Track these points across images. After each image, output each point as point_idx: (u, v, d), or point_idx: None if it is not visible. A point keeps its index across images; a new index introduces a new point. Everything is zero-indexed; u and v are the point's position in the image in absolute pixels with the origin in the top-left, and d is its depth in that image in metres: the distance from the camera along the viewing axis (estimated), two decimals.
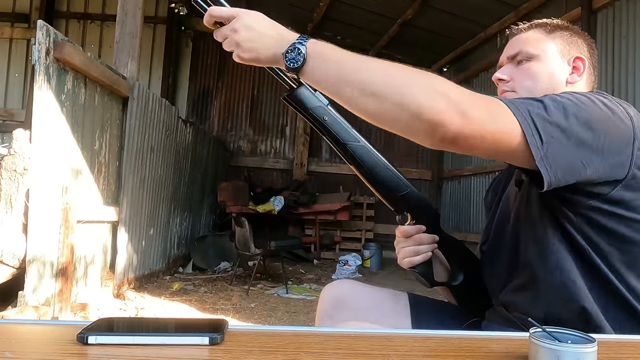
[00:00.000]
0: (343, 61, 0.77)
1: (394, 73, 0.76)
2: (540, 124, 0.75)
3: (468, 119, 0.72)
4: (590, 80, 1.02)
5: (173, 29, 7.65)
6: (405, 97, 0.73)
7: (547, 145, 0.74)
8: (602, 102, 0.81)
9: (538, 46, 0.99)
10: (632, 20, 4.13)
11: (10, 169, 2.73)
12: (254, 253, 4.59)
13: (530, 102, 0.78)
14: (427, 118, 0.72)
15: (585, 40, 1.02)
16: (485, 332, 0.74)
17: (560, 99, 0.79)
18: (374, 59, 0.79)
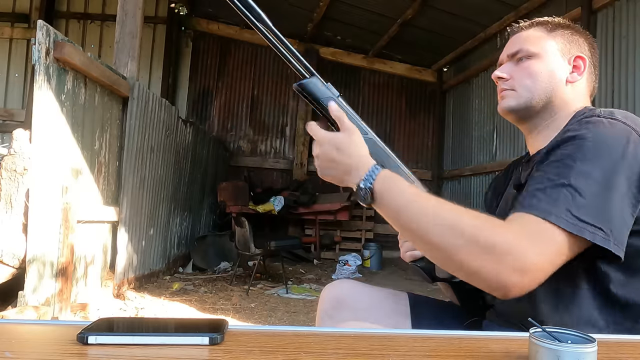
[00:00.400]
0: (400, 210, 0.81)
1: (446, 230, 0.76)
2: (590, 216, 0.74)
3: (528, 272, 0.72)
4: (590, 80, 1.01)
5: (173, 29, 7.66)
6: (458, 259, 0.75)
7: (610, 231, 0.74)
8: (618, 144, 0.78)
9: (538, 44, 0.98)
10: (632, 20, 4.13)
11: (10, 169, 2.73)
12: (254, 253, 4.59)
13: (563, 197, 0.75)
14: (490, 284, 0.74)
15: (586, 39, 1.01)
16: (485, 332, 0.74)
17: (584, 168, 0.76)
18: (434, 205, 0.79)
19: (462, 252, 0.74)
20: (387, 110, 7.98)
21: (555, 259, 0.74)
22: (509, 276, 0.72)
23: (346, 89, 7.94)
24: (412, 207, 0.79)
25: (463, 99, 7.26)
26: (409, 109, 8.00)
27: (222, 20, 7.78)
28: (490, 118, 6.39)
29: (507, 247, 0.72)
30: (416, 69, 7.87)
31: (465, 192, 7.06)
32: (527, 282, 0.73)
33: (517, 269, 0.72)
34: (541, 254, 0.73)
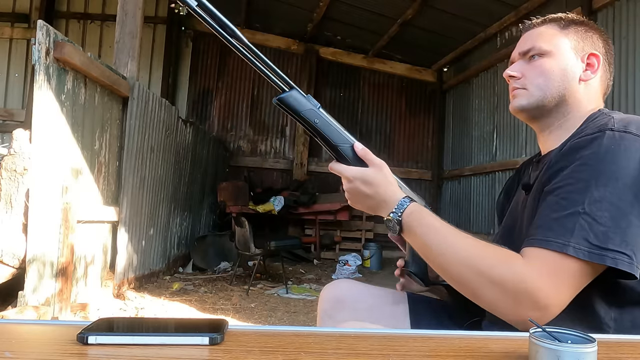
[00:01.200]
0: (425, 243, 0.83)
1: (466, 268, 0.78)
2: (610, 243, 0.73)
3: (546, 309, 0.73)
4: (605, 78, 0.98)
5: (173, 29, 7.66)
6: (479, 295, 0.78)
7: (633, 254, 0.73)
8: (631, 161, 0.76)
9: (551, 42, 0.95)
10: (632, 20, 4.13)
11: (10, 169, 2.73)
12: (254, 253, 4.59)
13: (579, 226, 0.74)
14: (508, 319, 0.75)
15: (601, 36, 0.98)
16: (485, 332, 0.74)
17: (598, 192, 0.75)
18: (455, 242, 0.81)
19: (482, 290, 0.76)
20: (387, 110, 7.98)
21: (574, 289, 0.75)
22: (527, 313, 0.73)
23: (346, 89, 7.94)
24: (436, 242, 0.82)
25: (463, 99, 7.26)
26: (409, 109, 8.00)
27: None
28: (490, 118, 6.39)
29: (525, 287, 0.73)
30: (416, 69, 7.87)
31: (465, 192, 7.06)
32: (547, 316, 0.74)
33: (536, 307, 0.73)
34: (560, 290, 0.74)
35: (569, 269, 0.73)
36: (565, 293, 0.74)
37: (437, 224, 0.83)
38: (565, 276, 0.73)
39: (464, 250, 0.79)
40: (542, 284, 0.73)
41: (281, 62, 7.89)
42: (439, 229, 0.83)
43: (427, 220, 0.84)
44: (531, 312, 0.73)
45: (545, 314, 0.73)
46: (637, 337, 0.72)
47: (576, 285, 0.75)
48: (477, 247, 0.79)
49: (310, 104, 0.91)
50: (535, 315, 0.72)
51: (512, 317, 0.75)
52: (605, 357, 0.59)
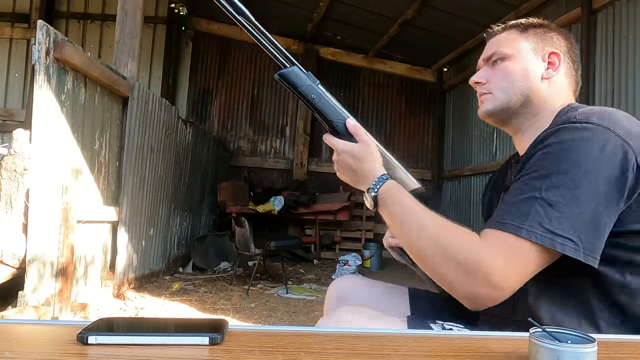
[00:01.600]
0: (395, 218, 0.88)
1: (429, 245, 0.82)
2: (561, 228, 0.75)
3: (499, 288, 0.76)
4: (570, 74, 1.00)
5: (173, 29, 7.66)
6: (437, 272, 0.81)
7: (579, 241, 0.75)
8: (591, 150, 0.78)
9: (512, 45, 0.99)
10: (632, 20, 4.13)
11: (10, 169, 2.73)
12: (254, 253, 4.59)
13: (534, 211, 0.76)
14: (462, 296, 0.78)
15: (562, 36, 1.01)
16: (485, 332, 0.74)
17: (555, 179, 0.77)
18: (423, 220, 0.85)
19: (441, 265, 0.80)
20: (387, 110, 7.99)
21: (526, 272, 0.77)
22: (479, 290, 0.76)
23: (346, 89, 7.94)
24: (406, 218, 0.86)
25: (463, 99, 7.26)
26: (408, 109, 8.01)
27: (222, 20, 7.78)
28: None
29: (478, 265, 0.76)
30: (416, 69, 7.88)
31: (465, 192, 7.06)
32: (497, 295, 0.76)
33: (488, 284, 0.76)
34: (514, 271, 0.76)
35: (522, 251, 0.76)
36: (517, 273, 0.76)
37: (411, 203, 0.88)
38: (518, 257, 0.76)
39: (432, 227, 0.83)
40: (495, 262, 0.76)
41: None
42: (412, 207, 0.87)
43: (400, 197, 0.89)
44: (483, 289, 0.75)
45: (497, 292, 0.76)
46: (637, 337, 0.72)
47: (529, 267, 0.76)
48: (444, 226, 0.83)
49: (309, 80, 0.95)
50: (487, 292, 0.75)
51: (464, 292, 0.78)
52: (605, 357, 0.59)
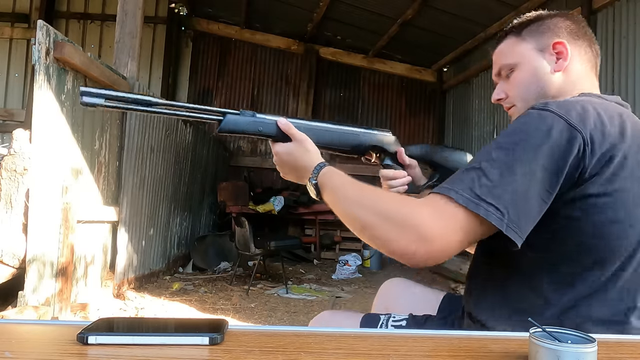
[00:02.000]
0: (334, 196, 0.91)
1: (366, 209, 0.83)
2: (489, 196, 0.75)
3: (429, 241, 0.76)
4: (582, 54, 0.97)
5: (173, 29, 7.65)
6: (372, 232, 0.81)
7: (506, 212, 0.75)
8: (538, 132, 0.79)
9: (513, 54, 0.99)
10: (632, 20, 4.13)
11: (10, 169, 2.73)
12: (254, 253, 4.59)
13: (469, 178, 0.78)
14: (398, 253, 0.78)
15: (559, 19, 0.98)
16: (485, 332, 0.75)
17: (496, 154, 0.79)
18: (359, 189, 0.87)
19: (379, 228, 0.80)
20: (387, 110, 7.98)
21: (458, 234, 0.76)
22: (410, 245, 0.76)
23: (346, 89, 7.94)
24: (344, 193, 0.89)
25: (463, 99, 7.26)
26: (408, 109, 8.01)
27: (222, 20, 7.79)
28: (490, 118, 6.39)
29: (411, 220, 0.77)
30: (416, 69, 7.87)
31: None
32: (428, 251, 0.76)
33: (419, 239, 0.76)
34: (442, 227, 0.76)
35: (452, 211, 0.76)
36: (448, 231, 0.76)
37: (349, 179, 0.91)
38: (448, 216, 0.76)
39: (370, 196, 0.85)
40: (427, 218, 0.77)
41: (281, 62, 7.89)
42: (351, 182, 0.90)
43: (339, 176, 0.93)
44: (414, 244, 0.75)
45: (427, 247, 0.75)
46: (637, 337, 0.73)
47: (460, 228, 0.76)
48: (383, 193, 0.88)
49: (247, 117, 1.00)
50: (417, 247, 0.75)
51: (398, 249, 0.78)
52: (605, 357, 0.59)
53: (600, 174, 0.78)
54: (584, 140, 0.77)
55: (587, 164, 0.77)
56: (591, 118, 0.79)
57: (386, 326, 1.05)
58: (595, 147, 0.77)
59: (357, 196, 0.86)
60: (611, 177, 0.78)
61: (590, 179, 0.78)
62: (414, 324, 1.05)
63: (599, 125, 0.79)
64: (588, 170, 0.77)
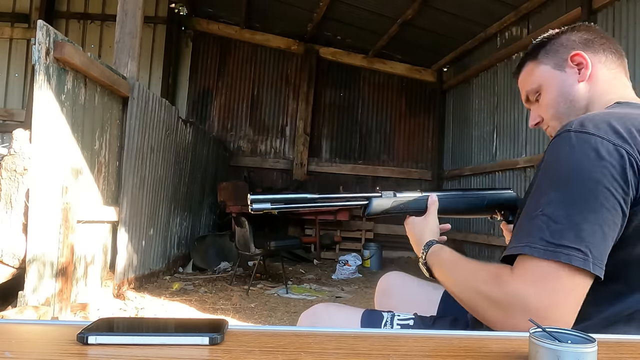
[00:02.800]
0: (443, 276, 0.94)
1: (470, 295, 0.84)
2: (565, 239, 0.72)
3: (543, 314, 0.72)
4: (605, 59, 0.96)
5: (173, 29, 7.65)
6: (484, 317, 0.81)
7: (588, 251, 0.72)
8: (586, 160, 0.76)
9: (535, 78, 1.01)
10: (632, 20, 4.13)
11: (10, 169, 2.73)
12: (254, 253, 4.59)
13: (536, 228, 0.75)
14: (500, 328, 0.77)
15: (571, 32, 0.99)
16: (485, 332, 0.74)
17: (554, 194, 0.76)
18: (459, 271, 0.89)
19: (482, 308, 0.80)
20: (387, 110, 7.98)
21: (561, 291, 0.73)
22: (521, 322, 0.72)
23: (346, 89, 7.94)
24: (447, 276, 0.93)
25: (463, 99, 7.26)
26: (408, 109, 8.00)
27: (222, 20, 7.79)
28: (490, 118, 6.39)
29: (511, 299, 0.75)
30: (416, 69, 7.87)
31: None
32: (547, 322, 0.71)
33: (523, 312, 0.73)
34: (542, 292, 0.73)
35: (539, 271, 0.73)
36: (549, 295, 0.73)
37: (449, 257, 0.95)
38: (542, 278, 0.73)
39: (465, 274, 0.87)
40: (524, 289, 0.74)
41: (281, 62, 7.89)
42: (448, 263, 0.94)
43: (441, 257, 0.97)
44: (520, 319, 0.72)
45: (543, 319, 0.71)
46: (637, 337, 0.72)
47: (561, 287, 0.73)
48: (474, 268, 0.86)
49: (388, 198, 1.07)
50: (524, 319, 0.71)
51: (509, 328, 0.75)
52: (605, 357, 0.59)
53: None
54: (628, 152, 0.75)
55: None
56: (626, 131, 0.77)
57: (391, 325, 1.04)
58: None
59: (460, 278, 0.88)
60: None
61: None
62: (422, 325, 1.04)
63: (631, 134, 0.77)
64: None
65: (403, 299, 1.28)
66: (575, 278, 0.73)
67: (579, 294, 0.73)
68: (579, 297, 0.73)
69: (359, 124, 7.92)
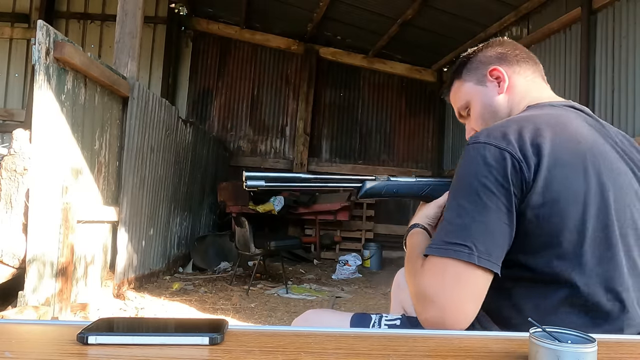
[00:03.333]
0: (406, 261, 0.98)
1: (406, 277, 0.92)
2: (455, 237, 0.80)
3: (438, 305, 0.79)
4: (520, 70, 1.05)
5: (173, 29, 7.65)
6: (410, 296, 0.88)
7: (473, 246, 0.79)
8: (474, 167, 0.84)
9: (461, 95, 1.09)
10: (632, 20, 4.13)
11: (10, 169, 2.73)
12: (254, 253, 4.59)
13: (438, 231, 0.85)
14: (420, 320, 0.83)
15: (487, 49, 1.09)
16: (485, 332, 0.75)
17: (452, 201, 0.85)
18: (408, 260, 0.94)
19: (414, 304, 0.86)
20: (387, 110, 7.98)
21: (458, 286, 0.79)
22: (429, 313, 0.80)
23: (346, 89, 7.94)
24: (405, 261, 0.97)
25: None
26: (408, 109, 8.01)
27: (222, 20, 7.79)
28: None
29: (419, 293, 0.83)
30: (416, 69, 7.87)
31: None
32: (437, 312, 0.79)
33: (432, 307, 0.80)
34: (439, 285, 0.80)
35: (438, 268, 0.81)
36: (447, 287, 0.79)
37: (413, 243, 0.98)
38: (440, 274, 0.80)
39: (408, 265, 0.93)
40: (430, 283, 0.81)
41: (281, 62, 7.89)
42: (411, 247, 0.98)
43: (411, 240, 1.01)
44: (431, 312, 0.79)
45: (441, 308, 0.78)
46: (637, 337, 0.73)
47: (454, 279, 0.79)
48: (413, 262, 0.91)
49: (382, 181, 1.06)
50: (435, 313, 0.78)
51: (418, 316, 0.82)
52: (605, 357, 0.59)
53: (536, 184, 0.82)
54: (514, 156, 0.81)
55: (527, 177, 0.81)
56: (514, 135, 0.84)
57: (379, 326, 1.06)
58: (530, 160, 0.82)
59: (406, 268, 0.94)
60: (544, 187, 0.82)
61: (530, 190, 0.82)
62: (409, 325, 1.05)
63: (526, 140, 0.83)
64: (530, 182, 0.81)
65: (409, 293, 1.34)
66: (466, 271, 0.79)
67: (475, 287, 0.79)
68: (476, 290, 0.79)
69: (359, 124, 7.92)
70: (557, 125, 0.88)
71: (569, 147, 0.85)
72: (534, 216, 0.82)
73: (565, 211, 0.82)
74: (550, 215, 0.82)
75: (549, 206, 0.82)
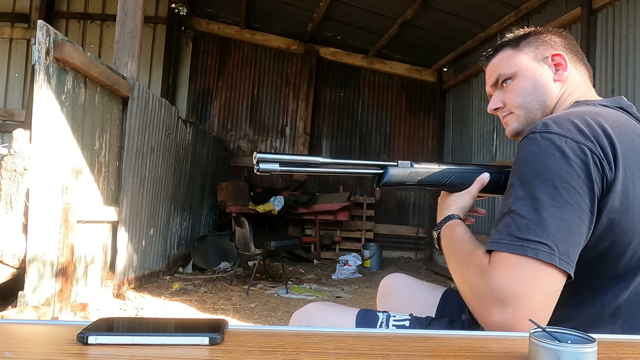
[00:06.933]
0: (445, 252, 0.94)
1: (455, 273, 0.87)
2: (531, 234, 0.74)
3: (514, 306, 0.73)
4: (578, 66, 1.02)
5: (173, 29, 7.66)
6: (465, 298, 0.83)
7: (554, 245, 0.73)
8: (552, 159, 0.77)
9: (512, 64, 1.01)
10: (632, 20, 4.13)
11: (10, 169, 2.73)
12: (254, 253, 4.59)
13: (505, 224, 0.77)
14: (480, 320, 0.77)
15: (555, 34, 1.03)
16: (485, 332, 0.74)
17: (522, 191, 0.77)
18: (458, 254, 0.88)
19: (469, 300, 0.82)
20: (387, 110, 7.98)
21: (534, 285, 0.73)
22: (494, 313, 0.74)
23: (346, 89, 7.94)
24: (448, 254, 0.92)
25: (463, 99, 7.26)
26: (409, 109, 8.00)
27: (222, 20, 7.78)
28: (490, 118, 6.39)
29: (487, 291, 0.76)
30: (416, 69, 7.87)
31: None
32: (509, 314, 0.72)
33: (496, 304, 0.74)
34: (513, 282, 0.73)
35: (507, 264, 0.74)
36: (521, 285, 0.73)
37: (457, 235, 0.92)
38: (513, 272, 0.73)
39: (460, 257, 0.86)
40: (502, 281, 0.74)
41: (281, 62, 7.88)
42: (453, 241, 0.92)
43: (453, 232, 0.94)
44: (501, 314, 0.73)
45: (506, 310, 0.72)
46: (637, 337, 0.72)
47: (529, 278, 0.73)
48: (468, 255, 0.84)
49: (405, 169, 0.98)
50: (507, 315, 0.72)
51: (480, 317, 0.77)
52: (605, 357, 0.59)
53: (615, 185, 0.76)
54: (595, 153, 0.76)
55: (609, 176, 0.76)
56: (588, 129, 0.78)
57: (387, 325, 1.03)
58: (610, 158, 0.76)
59: (455, 260, 0.88)
60: (622, 186, 0.77)
61: (609, 191, 0.76)
62: (418, 326, 1.03)
63: (602, 136, 0.78)
64: (611, 182, 0.76)
65: (403, 300, 1.29)
66: (544, 272, 0.73)
67: (550, 288, 0.73)
68: (550, 291, 0.73)
69: (359, 123, 7.92)
70: (620, 126, 0.82)
71: (637, 151, 0.80)
72: (608, 221, 0.76)
73: (632, 223, 0.76)
74: (620, 223, 0.76)
75: (622, 213, 0.76)
